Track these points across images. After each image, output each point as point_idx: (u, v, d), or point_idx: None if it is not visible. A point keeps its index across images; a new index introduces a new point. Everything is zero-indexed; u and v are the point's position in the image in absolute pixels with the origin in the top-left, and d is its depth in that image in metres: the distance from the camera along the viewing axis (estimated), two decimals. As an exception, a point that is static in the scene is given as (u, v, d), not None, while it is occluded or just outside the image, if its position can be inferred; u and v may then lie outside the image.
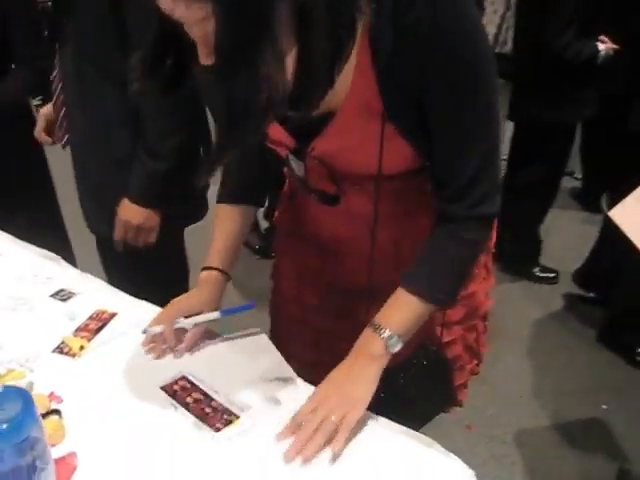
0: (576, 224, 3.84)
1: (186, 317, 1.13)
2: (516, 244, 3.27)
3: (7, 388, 0.70)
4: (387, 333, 0.98)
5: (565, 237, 3.64)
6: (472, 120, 0.90)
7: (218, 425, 0.96)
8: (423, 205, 1.06)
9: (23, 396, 0.71)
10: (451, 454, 0.92)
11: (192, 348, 1.13)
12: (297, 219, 1.26)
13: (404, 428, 0.97)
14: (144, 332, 1.12)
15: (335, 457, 0.90)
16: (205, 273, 1.18)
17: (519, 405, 2.45)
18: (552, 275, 3.29)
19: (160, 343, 1.12)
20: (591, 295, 3.08)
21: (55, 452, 0.87)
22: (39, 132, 1.85)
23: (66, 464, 0.87)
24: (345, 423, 0.93)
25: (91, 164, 1.69)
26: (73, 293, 1.31)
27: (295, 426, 0.94)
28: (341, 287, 1.21)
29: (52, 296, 1.30)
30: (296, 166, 1.07)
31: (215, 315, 1.14)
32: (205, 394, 1.03)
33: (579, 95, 2.89)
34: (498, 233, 1.26)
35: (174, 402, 1.01)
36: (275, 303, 1.40)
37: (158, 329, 1.10)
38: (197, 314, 1.13)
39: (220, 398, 1.02)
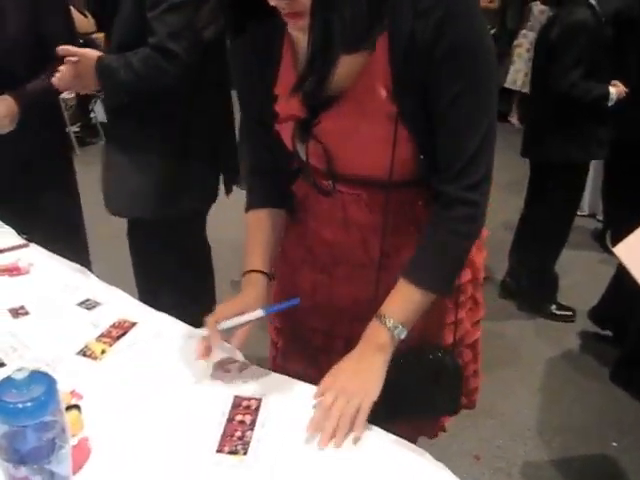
0: (596, 264, 3.85)
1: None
2: (533, 281, 3.30)
3: (35, 372, 0.78)
4: (392, 322, 1.05)
5: (585, 277, 3.65)
6: (473, 104, 0.98)
7: (225, 448, 0.98)
8: (410, 221, 1.13)
9: (48, 380, 0.79)
10: (441, 464, 0.96)
11: (241, 345, 1.14)
12: (294, 239, 1.31)
13: (396, 438, 1.01)
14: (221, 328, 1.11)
15: (356, 440, 0.99)
16: (247, 276, 1.20)
17: (527, 438, 2.45)
18: (569, 313, 3.30)
19: (208, 342, 1.13)
20: (607, 333, 3.08)
21: (73, 442, 0.93)
22: None
23: (80, 449, 0.95)
24: (362, 409, 1.01)
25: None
26: (98, 303, 1.40)
27: (321, 416, 1.00)
28: (337, 306, 1.25)
29: (78, 305, 1.39)
30: (300, 150, 1.13)
31: (259, 313, 1.13)
32: (254, 422, 1.03)
33: (588, 135, 2.94)
34: (514, 270, 1.30)
35: (227, 411, 1.05)
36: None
37: (230, 323, 1.11)
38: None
39: (258, 433, 1.01)
